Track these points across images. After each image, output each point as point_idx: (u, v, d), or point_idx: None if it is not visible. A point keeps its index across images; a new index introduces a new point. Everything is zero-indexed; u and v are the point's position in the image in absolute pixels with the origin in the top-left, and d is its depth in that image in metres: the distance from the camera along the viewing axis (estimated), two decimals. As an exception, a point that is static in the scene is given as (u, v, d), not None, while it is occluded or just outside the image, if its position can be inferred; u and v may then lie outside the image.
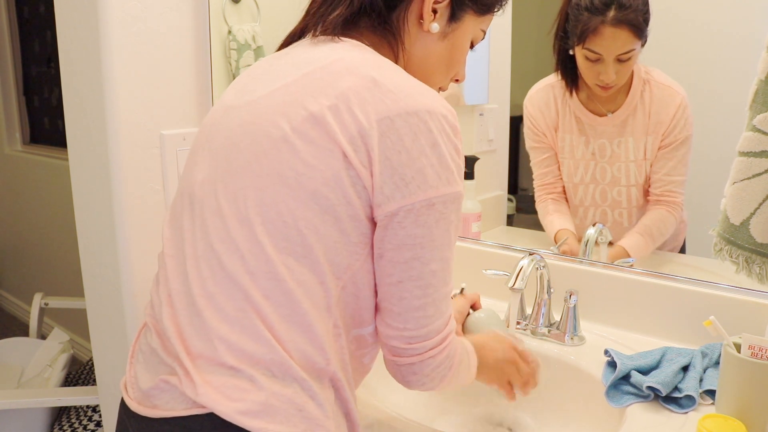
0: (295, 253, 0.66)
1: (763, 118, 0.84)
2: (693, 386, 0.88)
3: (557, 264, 1.21)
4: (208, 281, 0.67)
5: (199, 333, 0.66)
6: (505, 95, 1.45)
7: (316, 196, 0.66)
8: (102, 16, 1.04)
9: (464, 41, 0.81)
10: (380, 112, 0.65)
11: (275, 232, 0.66)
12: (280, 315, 0.65)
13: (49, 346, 2.31)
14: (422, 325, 0.70)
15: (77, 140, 1.17)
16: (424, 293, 0.69)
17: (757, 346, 0.82)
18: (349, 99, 0.66)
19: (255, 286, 0.66)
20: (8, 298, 3.66)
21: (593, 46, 1.11)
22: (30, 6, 3.24)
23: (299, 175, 0.66)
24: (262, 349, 0.64)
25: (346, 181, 0.66)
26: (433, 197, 0.66)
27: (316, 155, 0.66)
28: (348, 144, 0.65)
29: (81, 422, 1.95)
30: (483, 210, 1.40)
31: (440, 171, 0.67)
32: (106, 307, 1.22)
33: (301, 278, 0.66)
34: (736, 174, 0.88)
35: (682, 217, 1.21)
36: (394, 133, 0.65)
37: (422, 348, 0.70)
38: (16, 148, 3.42)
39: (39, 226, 3.20)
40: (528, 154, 1.36)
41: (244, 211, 0.67)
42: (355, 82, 0.67)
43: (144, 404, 0.69)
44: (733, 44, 1.13)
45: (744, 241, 0.88)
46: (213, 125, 0.77)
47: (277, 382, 0.64)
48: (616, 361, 0.95)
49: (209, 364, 0.65)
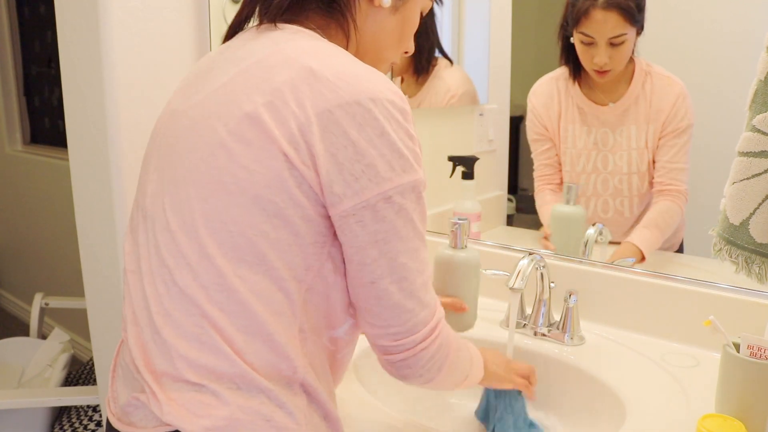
0: (247, 261, 0.63)
1: (763, 119, 0.84)
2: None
3: (557, 264, 1.21)
4: (164, 298, 0.66)
5: (160, 351, 0.65)
6: (505, 95, 1.45)
7: (260, 200, 0.62)
8: (102, 16, 1.04)
9: (415, 13, 0.78)
10: (319, 105, 0.61)
11: (223, 242, 0.63)
12: (237, 327, 0.63)
13: (50, 346, 2.31)
14: (405, 320, 0.67)
15: (78, 140, 1.17)
16: (399, 288, 0.66)
17: (756, 346, 0.82)
18: (285, 94, 0.62)
19: (208, 300, 0.64)
20: (9, 298, 3.66)
21: (586, 29, 1.16)
22: (30, 6, 3.24)
23: (239, 181, 0.63)
24: (223, 364, 0.63)
25: (290, 182, 0.62)
26: (388, 190, 0.63)
27: (255, 158, 0.62)
28: (287, 143, 0.61)
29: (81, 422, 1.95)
30: (483, 210, 1.40)
31: (393, 161, 0.63)
32: (107, 307, 1.22)
33: (256, 287, 0.64)
34: (736, 174, 0.88)
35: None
36: (336, 127, 0.61)
37: (411, 342, 0.68)
38: (17, 148, 3.42)
39: (39, 226, 3.20)
40: (528, 154, 1.37)
41: (191, 223, 0.65)
42: (291, 75, 0.63)
43: (123, 420, 0.68)
44: (733, 44, 1.13)
45: (743, 241, 0.88)
46: (159, 132, 0.74)
47: (242, 394, 0.63)
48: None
49: (173, 382, 0.64)
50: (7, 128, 3.40)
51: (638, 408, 0.91)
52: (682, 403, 0.91)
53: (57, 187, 2.95)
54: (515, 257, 1.15)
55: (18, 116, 3.41)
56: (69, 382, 2.24)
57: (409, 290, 0.67)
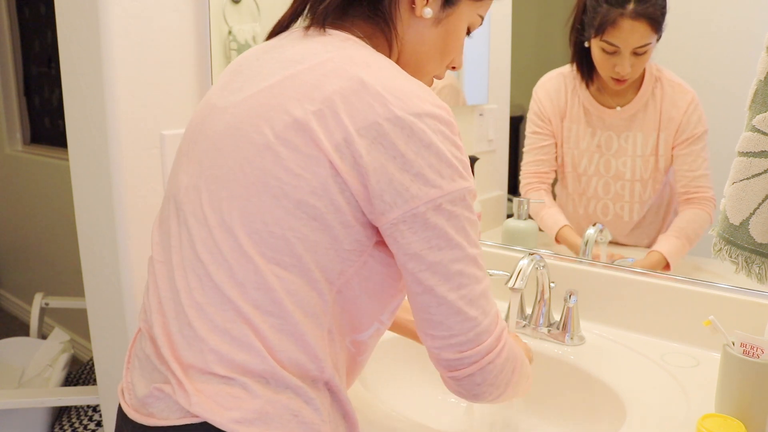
0: (284, 262, 0.64)
1: (763, 119, 0.84)
2: None
3: (557, 264, 1.21)
4: (196, 291, 0.66)
5: (190, 343, 0.65)
6: (505, 95, 1.45)
7: (302, 205, 0.64)
8: (102, 16, 1.04)
9: (459, 27, 0.78)
10: (368, 117, 0.63)
11: (261, 242, 0.64)
12: (271, 325, 0.64)
13: (50, 346, 2.31)
14: (469, 329, 0.66)
15: (78, 140, 1.17)
16: (459, 295, 0.65)
17: (748, 344, 0.82)
18: (335, 104, 0.63)
19: (244, 297, 0.64)
20: (9, 298, 3.66)
21: (611, 39, 1.12)
22: (30, 6, 3.24)
23: (284, 185, 0.64)
24: (254, 360, 0.63)
25: (334, 189, 0.63)
26: (437, 198, 0.63)
27: (301, 164, 0.63)
28: (334, 151, 0.63)
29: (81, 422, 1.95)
30: (483, 210, 1.40)
31: (441, 169, 0.64)
32: (107, 307, 1.22)
33: (292, 287, 0.64)
34: (736, 174, 0.88)
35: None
36: (384, 139, 0.62)
37: (477, 355, 0.67)
38: (17, 148, 3.42)
39: (40, 226, 3.20)
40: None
41: (229, 220, 0.66)
42: (342, 85, 0.64)
43: (140, 412, 0.68)
44: (733, 43, 1.13)
45: (743, 241, 0.88)
46: (198, 126, 0.75)
47: (271, 388, 0.63)
48: None
49: (201, 374, 0.64)
50: (7, 128, 3.40)
51: (638, 408, 0.91)
52: (682, 403, 0.91)
53: (57, 187, 2.95)
54: (515, 257, 1.15)
55: (18, 116, 3.41)
56: (69, 382, 2.24)
57: (468, 297, 0.66)
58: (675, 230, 1.20)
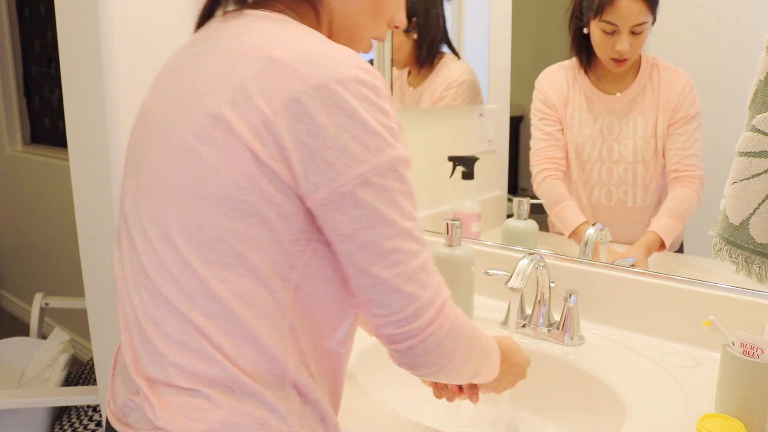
0: (228, 264, 0.62)
1: (763, 119, 0.84)
2: None
3: (557, 264, 1.21)
4: (150, 307, 0.65)
5: (152, 358, 0.65)
6: (505, 95, 1.45)
7: (231, 201, 0.61)
8: (102, 17, 1.04)
9: None
10: (285, 94, 0.58)
11: (201, 247, 0.62)
12: (224, 332, 0.62)
13: (50, 346, 2.31)
14: (407, 305, 0.63)
15: (78, 140, 1.17)
16: (394, 273, 0.62)
17: (748, 344, 0.82)
18: (248, 89, 0.60)
19: (194, 308, 0.63)
20: (9, 298, 3.66)
21: (610, 17, 1.19)
22: (30, 6, 3.25)
23: (207, 184, 0.61)
24: (214, 369, 0.62)
25: (261, 180, 0.60)
26: (365, 172, 0.59)
27: (222, 159, 0.60)
28: (254, 139, 0.59)
29: (81, 422, 1.95)
30: (483, 210, 1.40)
31: (367, 141, 0.59)
32: (107, 307, 1.22)
33: (239, 290, 0.62)
34: (736, 174, 0.88)
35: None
36: (304, 115, 0.58)
37: (418, 328, 0.64)
38: (17, 148, 3.42)
39: (39, 226, 3.21)
40: (528, 154, 1.36)
41: (166, 230, 0.64)
42: (253, 67, 0.60)
43: (121, 421, 0.68)
44: (734, 43, 1.13)
45: (743, 241, 0.88)
46: (133, 136, 0.73)
47: (236, 398, 0.62)
48: None
49: (165, 387, 0.63)
50: (7, 128, 3.40)
51: (638, 408, 0.91)
52: (682, 403, 0.91)
53: (57, 187, 2.95)
54: (515, 257, 1.15)
55: (18, 116, 3.41)
56: (69, 382, 2.24)
57: (405, 274, 0.62)
58: (666, 210, 1.24)
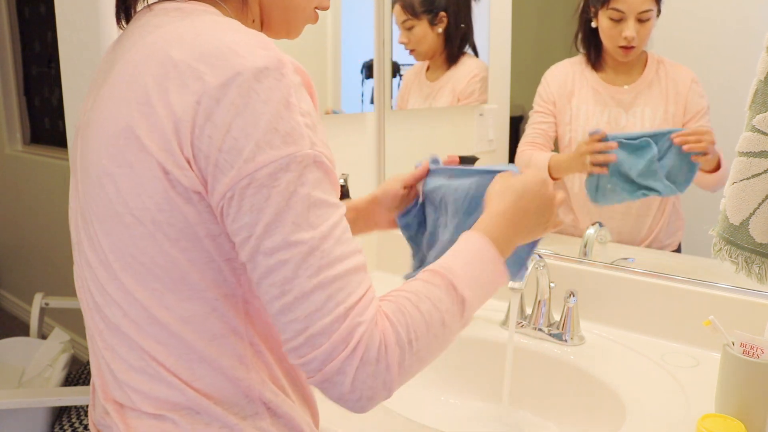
0: (171, 289, 0.58)
1: (763, 119, 0.85)
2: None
3: (557, 264, 1.21)
4: (105, 333, 0.63)
5: (116, 383, 0.64)
6: (505, 95, 1.45)
7: (159, 225, 0.56)
8: (102, 16, 1.04)
9: None
10: (185, 99, 0.53)
11: (138, 276, 0.58)
12: (177, 357, 0.60)
13: (50, 346, 2.31)
14: (298, 332, 0.53)
15: (77, 140, 1.17)
16: (281, 291, 0.53)
17: (748, 344, 0.83)
18: (150, 96, 0.54)
19: (143, 335, 0.60)
20: (9, 298, 3.66)
21: (617, 4, 1.22)
22: (30, 6, 3.25)
23: (132, 210, 0.56)
24: (175, 394, 0.60)
25: (178, 200, 0.55)
26: (252, 172, 0.52)
27: (138, 181, 0.55)
28: (162, 153, 0.54)
29: (81, 422, 1.95)
30: (483, 210, 1.40)
31: (260, 137, 0.52)
32: (107, 307, 1.22)
33: (185, 314, 0.59)
34: (736, 174, 0.88)
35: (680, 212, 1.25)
36: (201, 117, 0.52)
37: (315, 361, 0.53)
38: (17, 148, 3.42)
39: (39, 226, 3.21)
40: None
41: (104, 258, 0.60)
42: (155, 72, 0.55)
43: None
44: (733, 44, 1.13)
45: (743, 241, 0.88)
46: (71, 150, 0.69)
47: (202, 421, 0.61)
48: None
49: (132, 411, 0.63)
50: (7, 128, 3.41)
51: (638, 408, 0.91)
52: (682, 403, 0.91)
53: (57, 187, 2.95)
54: (515, 257, 1.15)
55: (18, 116, 3.42)
56: (69, 382, 2.24)
57: (293, 294, 0.53)
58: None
